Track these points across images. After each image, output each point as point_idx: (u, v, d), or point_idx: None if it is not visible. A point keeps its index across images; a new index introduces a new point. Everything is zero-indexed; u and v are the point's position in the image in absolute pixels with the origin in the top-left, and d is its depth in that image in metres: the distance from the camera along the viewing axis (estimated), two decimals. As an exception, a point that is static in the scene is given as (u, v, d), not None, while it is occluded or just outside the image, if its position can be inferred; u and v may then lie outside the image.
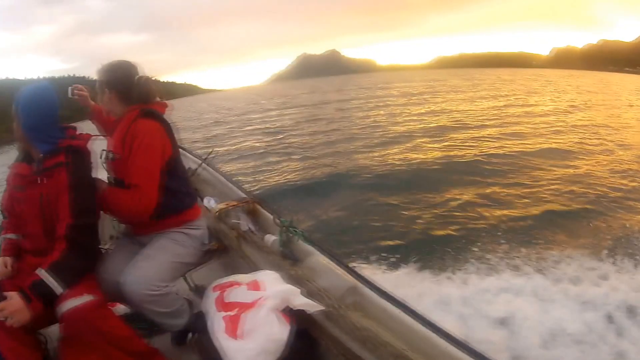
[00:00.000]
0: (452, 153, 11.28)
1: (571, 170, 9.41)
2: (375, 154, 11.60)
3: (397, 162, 10.50)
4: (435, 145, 12.43)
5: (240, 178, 8.99)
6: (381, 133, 15.26)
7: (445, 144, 12.62)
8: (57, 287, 1.63)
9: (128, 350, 1.74)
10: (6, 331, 1.62)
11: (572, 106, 23.01)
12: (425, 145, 12.59)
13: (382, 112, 22.97)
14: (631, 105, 25.07)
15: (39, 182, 1.80)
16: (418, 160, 10.61)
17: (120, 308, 2.11)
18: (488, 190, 7.96)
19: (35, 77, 74.36)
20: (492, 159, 10.28)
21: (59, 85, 2.11)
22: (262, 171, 10.81)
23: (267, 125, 21.96)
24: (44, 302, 1.61)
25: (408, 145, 12.62)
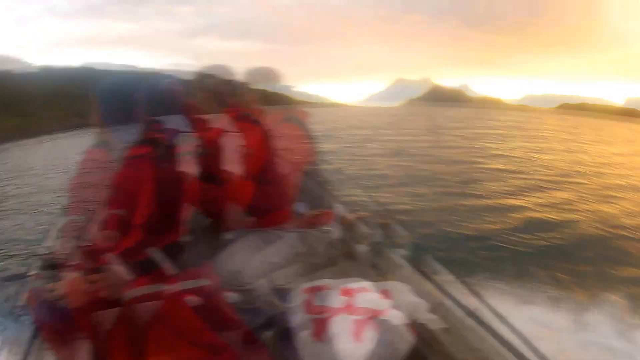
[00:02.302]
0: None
1: None
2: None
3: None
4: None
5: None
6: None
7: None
8: (169, 267, 1.68)
9: (199, 343, 1.73)
10: (91, 301, 1.66)
11: None
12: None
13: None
14: None
15: (120, 169, 1.80)
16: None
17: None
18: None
19: (158, 69, 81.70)
20: None
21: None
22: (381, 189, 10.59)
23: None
24: (148, 280, 1.66)
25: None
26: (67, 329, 1.81)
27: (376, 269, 2.25)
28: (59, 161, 20.18)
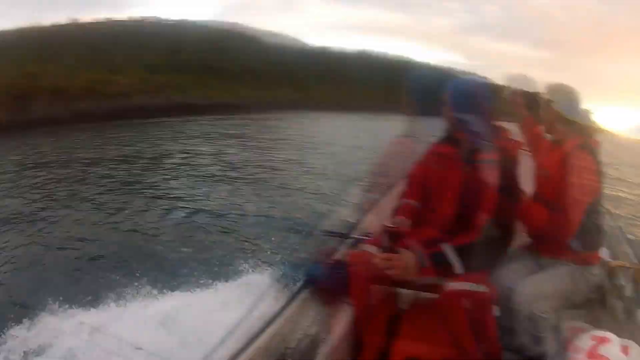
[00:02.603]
0: None
1: None
2: None
3: None
4: None
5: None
6: None
7: None
8: (457, 265, 1.76)
9: (480, 348, 1.77)
10: (373, 276, 1.88)
11: None
12: None
13: None
14: None
15: (466, 168, 1.90)
16: None
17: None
18: None
19: (435, 63, 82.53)
20: None
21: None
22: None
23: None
24: (437, 272, 1.77)
25: None
26: (341, 292, 2.10)
27: (623, 323, 2.08)
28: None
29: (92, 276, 5.58)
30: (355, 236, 2.57)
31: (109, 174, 12.39)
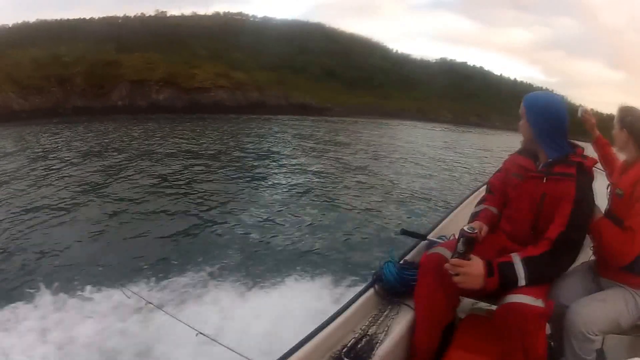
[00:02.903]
0: None
1: None
2: None
3: None
4: None
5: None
6: None
7: None
8: (522, 277, 1.75)
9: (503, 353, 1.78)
10: (441, 281, 1.90)
11: None
12: None
13: None
14: None
15: (544, 181, 1.93)
16: None
17: None
18: None
19: (512, 78, 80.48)
20: None
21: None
22: None
23: None
24: (501, 283, 1.75)
25: None
26: (407, 293, 2.16)
27: None
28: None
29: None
30: (431, 238, 2.55)
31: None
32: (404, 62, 72.62)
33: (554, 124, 1.93)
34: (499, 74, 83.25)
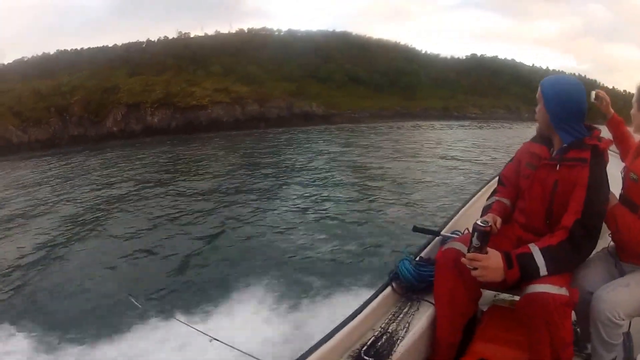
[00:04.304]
0: None
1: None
2: None
3: None
4: None
5: None
6: None
7: None
8: (543, 267, 1.72)
9: (555, 353, 1.74)
10: (460, 275, 1.89)
11: None
12: None
13: None
14: None
15: (557, 168, 1.89)
16: None
17: None
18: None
19: (544, 67, 78.44)
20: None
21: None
22: None
23: None
24: (521, 274, 1.72)
25: None
26: (425, 290, 2.17)
27: None
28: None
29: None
30: (446, 234, 2.56)
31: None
32: (433, 62, 71.86)
33: (571, 107, 1.87)
34: (530, 65, 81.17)
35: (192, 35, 61.16)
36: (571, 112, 1.87)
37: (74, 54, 51.73)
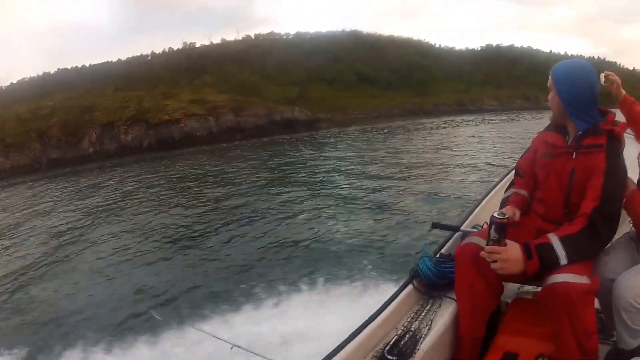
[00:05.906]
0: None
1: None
2: None
3: None
4: None
5: None
6: None
7: None
8: (563, 256, 1.69)
9: (579, 342, 1.70)
10: (480, 269, 1.86)
11: None
12: None
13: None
14: None
15: (573, 156, 1.86)
16: None
17: None
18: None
19: (562, 53, 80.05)
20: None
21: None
22: None
23: None
24: (541, 264, 1.69)
25: None
26: (447, 286, 2.15)
27: None
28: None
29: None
30: (465, 229, 2.55)
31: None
32: (448, 56, 71.16)
33: (584, 92, 1.84)
34: (548, 52, 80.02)
35: (197, 45, 61.42)
36: (585, 97, 1.85)
37: (73, 72, 51.84)
